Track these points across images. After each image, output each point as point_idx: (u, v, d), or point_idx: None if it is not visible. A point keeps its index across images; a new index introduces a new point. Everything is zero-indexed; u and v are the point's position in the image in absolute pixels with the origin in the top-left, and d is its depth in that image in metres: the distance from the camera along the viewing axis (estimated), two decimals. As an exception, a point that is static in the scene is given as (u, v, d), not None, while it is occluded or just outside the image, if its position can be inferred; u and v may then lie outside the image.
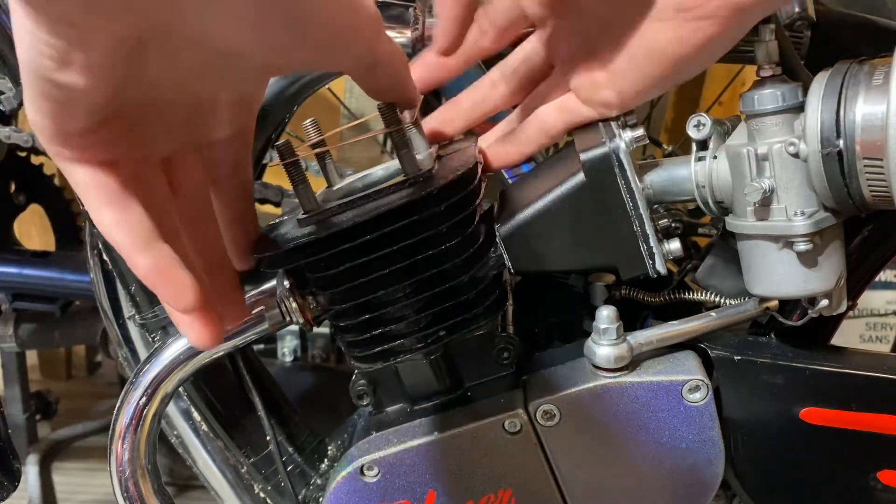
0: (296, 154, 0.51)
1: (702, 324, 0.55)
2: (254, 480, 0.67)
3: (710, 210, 0.52)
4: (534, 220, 0.51)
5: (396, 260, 0.50)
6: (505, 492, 0.56)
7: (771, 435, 0.57)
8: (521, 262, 0.53)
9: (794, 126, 0.47)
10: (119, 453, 0.53)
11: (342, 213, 0.51)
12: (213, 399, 0.65)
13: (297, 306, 0.53)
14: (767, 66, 0.48)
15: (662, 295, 0.60)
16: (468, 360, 0.59)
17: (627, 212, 0.50)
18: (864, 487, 0.56)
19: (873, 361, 0.57)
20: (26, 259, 1.06)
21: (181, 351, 0.53)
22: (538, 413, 0.54)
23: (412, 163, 0.51)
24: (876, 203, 0.46)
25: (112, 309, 0.64)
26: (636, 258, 0.51)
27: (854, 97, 0.45)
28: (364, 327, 0.53)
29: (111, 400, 1.36)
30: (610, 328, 0.53)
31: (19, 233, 1.16)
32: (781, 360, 0.56)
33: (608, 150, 0.49)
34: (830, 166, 0.45)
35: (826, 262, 0.49)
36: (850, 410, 0.55)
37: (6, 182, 1.16)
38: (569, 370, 0.56)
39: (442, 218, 0.49)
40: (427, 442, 0.55)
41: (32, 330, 1.14)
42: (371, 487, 0.56)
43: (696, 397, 0.53)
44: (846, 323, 0.62)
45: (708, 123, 0.50)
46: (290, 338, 1.29)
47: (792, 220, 0.48)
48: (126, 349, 0.65)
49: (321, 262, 0.51)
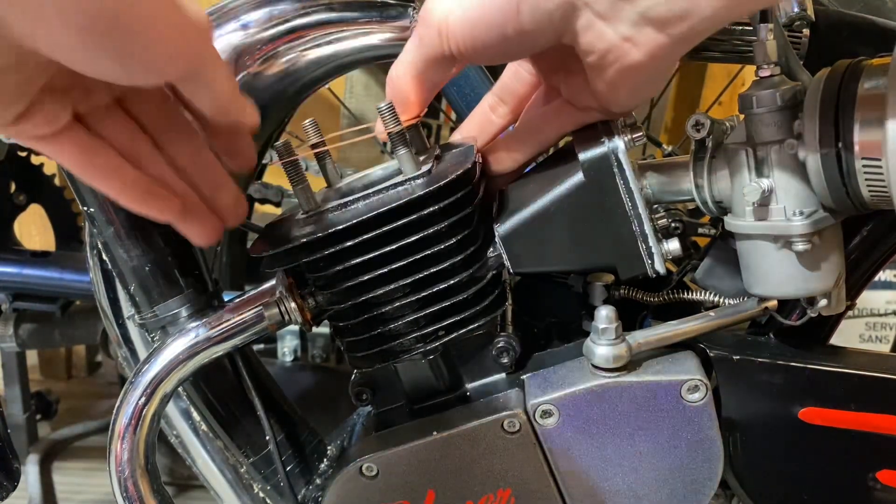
0: (295, 154, 0.51)
1: (701, 324, 0.55)
2: (253, 480, 0.67)
3: (709, 210, 0.52)
4: (533, 219, 0.51)
5: (395, 259, 0.50)
6: (504, 491, 0.56)
7: (770, 435, 0.57)
8: (520, 261, 0.53)
9: (793, 126, 0.47)
10: (118, 453, 0.53)
11: (342, 212, 0.51)
12: (213, 399, 0.65)
13: (297, 306, 0.53)
14: (766, 67, 0.48)
15: (661, 295, 0.60)
16: (467, 360, 0.59)
17: (626, 212, 0.50)
18: (864, 487, 0.56)
19: (873, 361, 0.57)
20: (26, 259, 1.06)
21: (181, 351, 0.53)
22: (537, 413, 0.54)
23: (411, 163, 0.51)
24: (875, 203, 0.46)
25: (112, 309, 0.64)
26: (635, 258, 0.51)
27: (853, 97, 0.45)
28: (363, 327, 0.53)
29: (111, 400, 1.36)
30: (609, 328, 0.53)
31: (19, 233, 1.16)
32: (780, 360, 0.56)
33: (607, 150, 0.49)
34: (829, 166, 0.45)
35: (825, 261, 0.49)
36: (849, 410, 0.55)
37: (6, 182, 1.16)
38: (568, 370, 0.56)
39: (440, 217, 0.50)
40: (426, 442, 0.55)
41: (32, 330, 1.14)
42: (370, 487, 0.56)
43: (695, 397, 0.53)
44: (846, 323, 0.62)
45: (707, 123, 0.50)
46: (290, 338, 1.29)
47: (791, 220, 0.48)
48: (126, 349, 0.65)
49: (320, 262, 0.51)
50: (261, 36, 0.60)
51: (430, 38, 0.49)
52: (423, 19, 0.50)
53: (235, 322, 0.54)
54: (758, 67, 0.48)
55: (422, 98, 0.52)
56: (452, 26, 0.48)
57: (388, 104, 0.50)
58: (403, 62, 0.52)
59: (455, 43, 0.48)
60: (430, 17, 0.49)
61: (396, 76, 0.52)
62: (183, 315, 0.58)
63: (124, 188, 0.46)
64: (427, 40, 0.49)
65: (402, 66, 0.52)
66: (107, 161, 0.45)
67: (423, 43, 0.50)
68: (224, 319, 0.54)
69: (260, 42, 0.60)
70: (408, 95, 0.52)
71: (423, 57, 0.50)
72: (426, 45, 0.50)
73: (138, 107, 0.47)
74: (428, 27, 0.49)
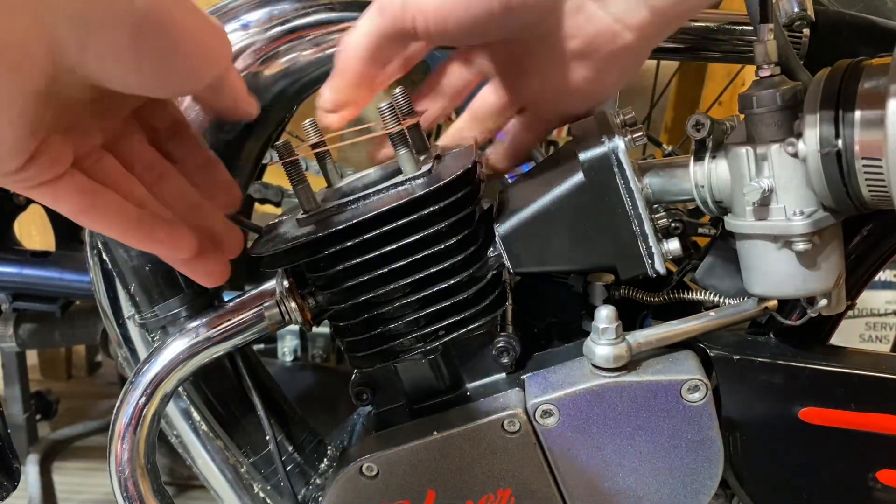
0: (295, 154, 0.51)
1: (701, 323, 0.55)
2: (253, 480, 0.67)
3: (709, 210, 0.53)
4: (533, 219, 0.51)
5: (395, 259, 0.50)
6: (504, 491, 0.56)
7: (770, 434, 0.57)
8: (520, 261, 0.53)
9: (793, 126, 0.47)
10: (118, 453, 0.53)
11: (342, 212, 0.51)
12: (213, 399, 0.65)
13: (297, 306, 0.53)
14: (766, 66, 0.48)
15: (661, 294, 0.60)
16: (467, 359, 0.59)
17: (626, 211, 0.50)
18: (864, 487, 0.56)
19: (873, 361, 0.57)
20: (26, 259, 1.06)
21: (181, 351, 0.53)
22: (537, 413, 0.54)
23: (411, 163, 0.51)
24: (875, 203, 0.46)
25: (112, 309, 0.64)
26: (635, 258, 0.51)
27: (853, 97, 0.45)
28: (363, 327, 0.53)
29: (111, 400, 1.36)
30: (609, 328, 0.53)
31: (19, 233, 1.16)
32: (780, 360, 0.56)
33: (607, 149, 0.49)
34: (829, 166, 0.45)
35: (825, 261, 0.49)
36: (849, 410, 0.55)
37: (6, 182, 1.15)
38: (568, 370, 0.56)
39: (441, 217, 0.49)
40: (426, 442, 0.55)
41: (32, 330, 1.14)
42: (370, 487, 0.56)
43: (696, 397, 0.53)
44: (846, 323, 0.62)
45: (707, 123, 0.50)
46: (290, 338, 1.29)
47: (791, 220, 0.48)
48: (126, 349, 0.65)
49: (320, 262, 0.51)
50: (261, 36, 0.60)
51: (392, 8, 0.45)
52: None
53: (235, 322, 0.54)
54: (758, 67, 0.48)
55: (368, 76, 0.48)
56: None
57: (389, 104, 0.50)
58: (358, 32, 0.47)
59: (423, 17, 0.44)
60: None
61: (347, 47, 0.47)
62: (183, 315, 0.58)
63: (129, 227, 0.43)
64: (389, 11, 0.45)
65: (355, 36, 0.47)
66: (108, 202, 0.42)
67: (382, 13, 0.46)
68: (224, 319, 0.54)
69: (260, 42, 0.60)
70: (354, 70, 0.48)
71: (381, 29, 0.46)
72: (386, 16, 0.46)
73: (126, 149, 0.45)
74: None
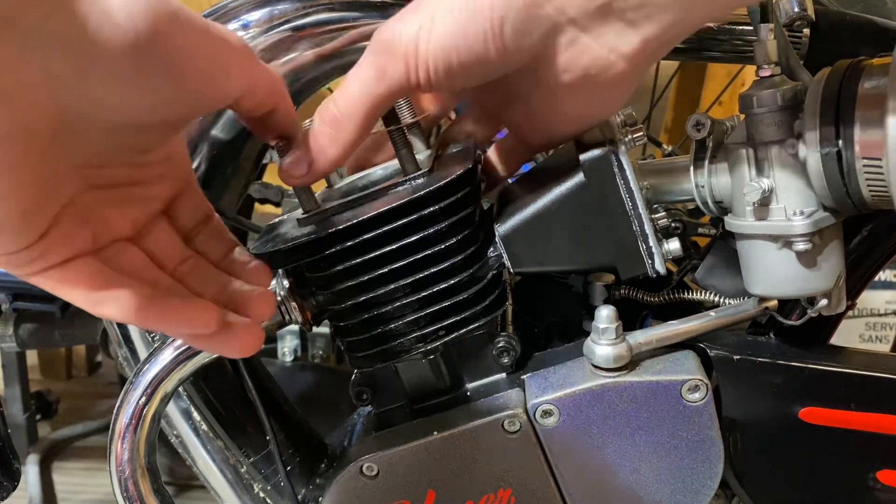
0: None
1: (701, 324, 0.55)
2: (253, 480, 0.67)
3: (709, 210, 0.53)
4: (533, 219, 0.51)
5: (396, 259, 0.50)
6: (504, 491, 0.56)
7: (770, 434, 0.57)
8: (520, 261, 0.53)
9: (793, 126, 0.47)
10: (119, 453, 0.53)
11: (342, 212, 0.51)
12: (213, 399, 0.65)
13: (297, 306, 0.53)
14: (766, 67, 0.48)
15: (662, 295, 0.61)
16: (468, 359, 0.59)
17: (627, 212, 0.50)
18: (864, 487, 0.56)
19: (873, 361, 0.57)
20: (26, 259, 1.06)
21: (181, 351, 0.53)
22: (538, 413, 0.54)
23: (412, 163, 0.51)
24: (875, 203, 0.46)
25: (112, 309, 0.64)
26: (635, 258, 0.51)
27: (853, 97, 0.45)
28: (363, 327, 0.53)
29: (111, 400, 1.36)
30: (609, 328, 0.53)
31: (19, 233, 1.16)
32: (781, 360, 0.56)
33: (607, 150, 0.49)
34: (829, 166, 0.45)
35: (825, 261, 0.49)
36: (849, 410, 0.55)
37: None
38: (568, 370, 0.56)
39: (441, 217, 0.49)
40: (427, 442, 0.55)
41: (32, 330, 1.14)
42: (371, 487, 0.56)
43: (696, 397, 0.53)
44: (846, 323, 0.62)
45: (707, 123, 0.50)
46: (290, 338, 1.29)
47: (791, 220, 0.48)
48: (126, 349, 0.65)
49: (321, 262, 0.51)
50: (261, 36, 0.60)
51: (394, 69, 0.44)
52: (386, 47, 0.44)
53: (236, 322, 0.54)
54: (758, 67, 0.48)
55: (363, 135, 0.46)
56: (424, 54, 0.43)
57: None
58: (353, 96, 0.44)
59: (429, 72, 0.43)
60: (394, 45, 0.43)
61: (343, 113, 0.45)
62: (183, 315, 0.58)
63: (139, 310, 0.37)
64: (391, 72, 0.44)
65: (350, 101, 0.45)
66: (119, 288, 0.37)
67: (385, 76, 0.44)
68: (224, 319, 0.54)
69: (260, 42, 0.60)
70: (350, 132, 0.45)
71: (385, 91, 0.44)
72: (389, 78, 0.44)
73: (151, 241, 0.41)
74: (392, 56, 0.43)
